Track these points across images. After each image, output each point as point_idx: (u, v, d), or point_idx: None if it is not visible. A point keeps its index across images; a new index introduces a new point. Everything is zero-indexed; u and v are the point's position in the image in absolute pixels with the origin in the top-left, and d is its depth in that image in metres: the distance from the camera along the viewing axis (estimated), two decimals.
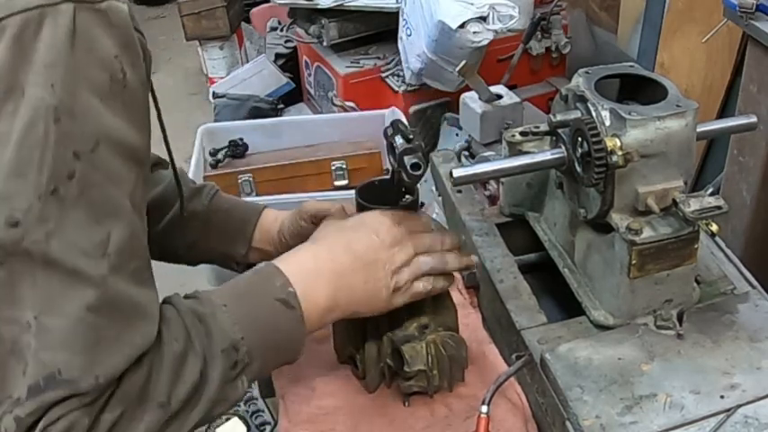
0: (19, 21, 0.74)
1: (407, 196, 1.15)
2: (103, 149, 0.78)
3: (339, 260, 1.05)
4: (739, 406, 1.04)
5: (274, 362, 1.01)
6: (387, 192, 1.14)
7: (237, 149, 2.67)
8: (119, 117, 0.79)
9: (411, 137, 1.07)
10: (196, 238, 1.30)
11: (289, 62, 3.73)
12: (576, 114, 1.16)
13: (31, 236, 0.75)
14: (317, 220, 1.27)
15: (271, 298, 0.97)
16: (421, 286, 1.12)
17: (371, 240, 1.08)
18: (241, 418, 2.44)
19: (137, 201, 0.83)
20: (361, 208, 1.16)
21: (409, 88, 3.00)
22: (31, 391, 0.76)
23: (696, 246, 1.15)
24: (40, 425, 0.76)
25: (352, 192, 1.19)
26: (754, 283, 1.27)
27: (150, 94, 0.88)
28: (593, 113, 1.13)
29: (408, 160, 1.05)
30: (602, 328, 1.19)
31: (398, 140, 1.07)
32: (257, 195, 2.54)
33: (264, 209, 1.35)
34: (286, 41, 3.73)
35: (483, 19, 2.63)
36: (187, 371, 0.86)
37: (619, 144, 1.08)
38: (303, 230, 1.26)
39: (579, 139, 1.13)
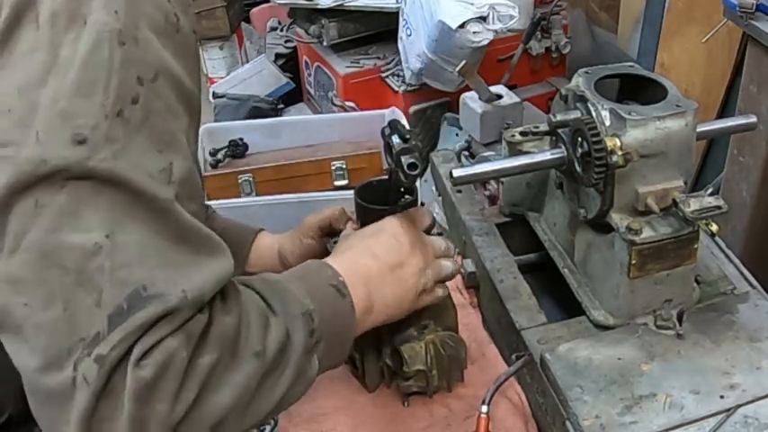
0: None
1: (407, 196, 1.15)
2: (163, 81, 0.77)
3: (368, 265, 1.04)
4: (739, 406, 1.04)
5: (332, 350, 0.95)
6: (385, 192, 1.14)
7: (237, 149, 2.67)
8: (173, 56, 0.79)
9: (408, 136, 1.06)
10: None
11: (289, 62, 3.72)
12: (576, 114, 1.16)
13: (99, 154, 0.72)
14: (324, 231, 1.26)
15: (326, 283, 0.95)
16: (440, 292, 1.13)
17: (393, 244, 1.07)
18: None
19: (192, 145, 0.83)
20: (359, 208, 1.16)
21: (409, 88, 3.00)
22: (113, 320, 0.70)
23: (696, 246, 1.15)
24: (132, 358, 0.70)
25: (352, 192, 1.19)
26: (754, 283, 1.27)
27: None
28: (593, 113, 1.13)
29: (405, 160, 1.04)
30: (602, 328, 1.19)
31: (395, 140, 1.07)
32: (257, 195, 2.54)
33: (260, 231, 1.32)
34: (286, 41, 3.73)
35: (483, 19, 2.63)
36: (273, 326, 0.83)
37: (619, 144, 1.08)
38: (309, 249, 1.26)
39: (579, 139, 1.13)
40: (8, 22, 0.73)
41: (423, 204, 1.27)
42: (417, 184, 1.16)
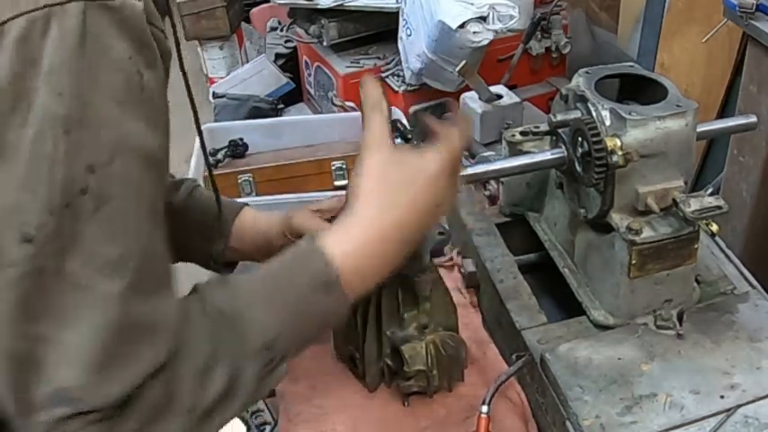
0: (23, 23, 0.69)
1: None
2: (120, 161, 0.73)
3: (386, 230, 0.94)
4: (739, 406, 1.04)
5: (311, 341, 0.94)
6: None
7: (237, 149, 2.67)
8: (137, 121, 0.75)
9: (410, 136, 1.06)
10: (172, 234, 1.25)
11: (289, 62, 3.72)
12: (576, 114, 1.16)
13: (45, 251, 0.71)
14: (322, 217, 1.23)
15: (311, 284, 0.89)
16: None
17: (418, 197, 0.95)
18: (241, 418, 2.44)
19: (157, 208, 0.80)
20: None
21: (409, 88, 3.00)
22: (44, 404, 0.74)
23: (696, 246, 1.15)
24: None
25: None
26: (754, 283, 1.27)
27: (183, 79, 0.84)
28: (594, 113, 1.13)
29: None
30: (602, 327, 1.19)
31: (397, 140, 1.07)
32: (257, 195, 2.54)
33: (244, 207, 1.30)
34: (286, 41, 3.73)
35: (483, 19, 2.63)
36: (214, 379, 0.82)
37: (619, 144, 1.08)
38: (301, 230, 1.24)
39: (579, 138, 1.13)
40: None
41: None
42: None
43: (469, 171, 1.21)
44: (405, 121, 1.16)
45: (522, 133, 1.30)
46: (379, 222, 0.93)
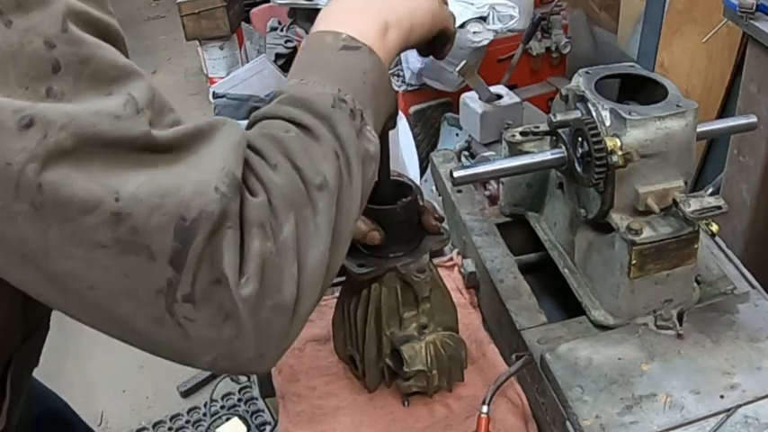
0: None
1: (406, 197, 1.14)
2: (73, 25, 0.68)
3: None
4: (739, 406, 1.04)
5: (381, 104, 0.90)
6: (385, 191, 1.14)
7: None
8: None
9: None
10: None
11: (289, 62, 3.72)
12: (576, 114, 1.16)
13: (52, 130, 0.64)
14: None
15: (333, 52, 0.86)
16: None
17: None
18: (241, 418, 2.44)
19: (128, 62, 0.73)
20: None
21: (409, 88, 3.00)
22: (175, 262, 0.67)
23: (696, 246, 1.15)
24: (226, 281, 0.68)
25: None
26: (754, 283, 1.27)
27: None
28: (594, 113, 1.13)
29: None
30: (603, 328, 1.19)
31: None
32: None
33: None
34: (286, 41, 3.73)
35: (483, 19, 2.64)
36: (317, 145, 0.77)
37: (619, 144, 1.08)
38: None
39: (579, 139, 1.13)
40: None
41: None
42: (417, 183, 1.16)
43: (469, 171, 1.21)
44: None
45: (522, 133, 1.30)
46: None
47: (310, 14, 3.21)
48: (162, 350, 0.72)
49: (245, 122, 0.84)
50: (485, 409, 1.11)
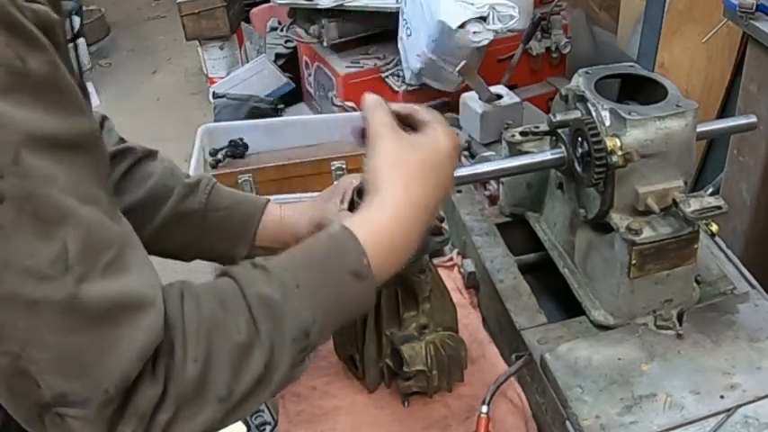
0: None
1: None
2: (26, 155, 0.68)
3: (411, 211, 0.95)
4: (739, 406, 1.04)
5: (337, 328, 0.93)
6: None
7: (237, 149, 2.68)
8: (32, 110, 0.69)
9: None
10: (192, 238, 1.22)
11: (289, 62, 3.73)
12: (575, 114, 1.16)
13: None
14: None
15: (345, 272, 0.88)
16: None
17: (435, 181, 0.98)
18: None
19: (84, 189, 0.74)
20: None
21: (409, 88, 3.00)
22: (55, 401, 0.72)
23: (696, 246, 1.15)
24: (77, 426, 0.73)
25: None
26: (754, 283, 1.27)
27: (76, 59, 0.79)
28: (593, 113, 1.13)
29: None
30: (602, 328, 1.19)
31: None
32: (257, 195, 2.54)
33: (267, 203, 1.27)
34: (286, 41, 3.73)
35: (483, 19, 2.63)
36: (251, 365, 0.80)
37: (619, 144, 1.08)
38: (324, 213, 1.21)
39: (579, 139, 1.13)
40: None
41: None
42: None
43: (469, 171, 1.21)
44: None
45: (522, 133, 1.29)
46: (404, 204, 0.94)
47: (310, 14, 3.21)
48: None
49: (243, 123, 0.84)
50: (484, 409, 1.11)
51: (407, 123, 1.03)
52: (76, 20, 4.40)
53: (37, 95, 0.70)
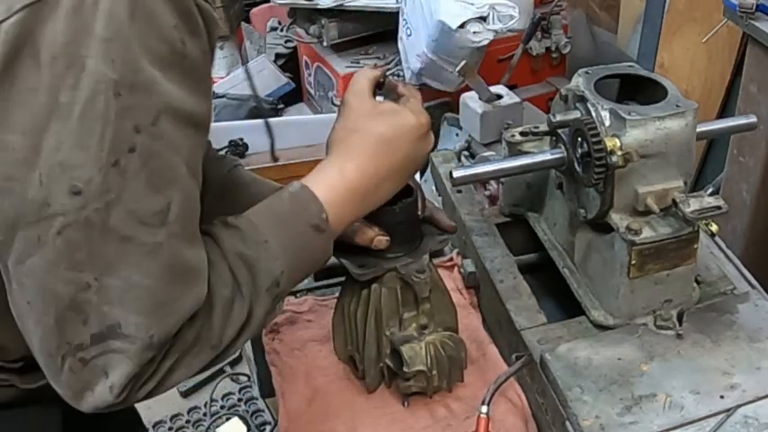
0: None
1: (406, 199, 1.14)
2: (164, 121, 0.79)
3: (368, 175, 1.03)
4: (739, 406, 1.04)
5: (302, 278, 1.04)
6: None
7: (237, 149, 2.68)
8: (178, 86, 0.80)
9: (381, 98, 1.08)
10: (208, 209, 1.29)
11: (289, 62, 3.72)
12: (575, 114, 1.16)
13: (92, 205, 0.77)
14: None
15: (306, 225, 0.98)
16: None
17: (400, 148, 1.04)
18: (241, 418, 2.44)
19: (194, 164, 0.85)
20: None
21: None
22: (95, 338, 0.80)
23: (696, 246, 1.15)
24: (101, 363, 0.82)
25: None
26: (754, 283, 1.27)
27: None
28: (593, 113, 1.13)
29: None
30: (602, 328, 1.19)
31: (379, 98, 1.08)
32: None
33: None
34: (286, 41, 3.73)
35: (483, 19, 2.64)
36: (235, 314, 0.90)
37: (618, 144, 1.08)
38: None
39: (579, 139, 1.13)
40: (6, 57, 0.74)
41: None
42: (417, 179, 1.16)
43: (469, 171, 1.21)
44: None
45: (522, 133, 1.29)
46: (361, 173, 1.02)
47: (310, 14, 3.20)
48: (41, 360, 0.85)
49: (243, 123, 0.90)
50: (484, 409, 1.11)
51: (392, 95, 1.10)
52: None
53: (185, 75, 0.81)
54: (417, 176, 1.15)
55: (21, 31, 0.73)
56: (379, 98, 1.10)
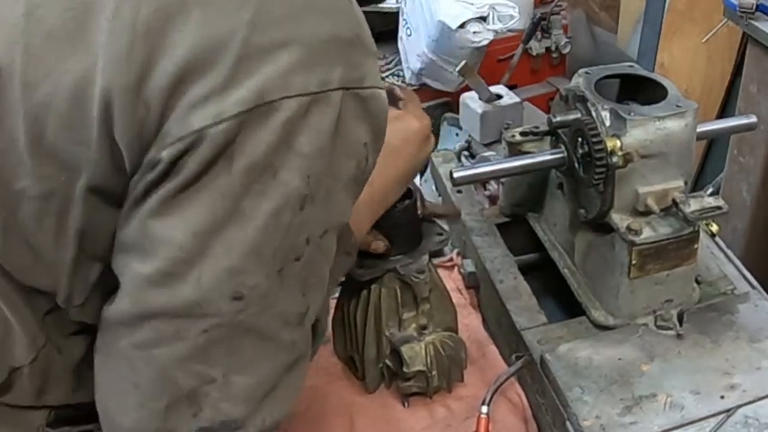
0: (294, 105, 0.70)
1: (406, 200, 1.14)
2: (331, 233, 0.79)
3: (381, 185, 1.02)
4: (739, 406, 1.04)
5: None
6: None
7: None
8: (350, 200, 0.80)
9: None
10: None
11: None
12: (576, 115, 1.16)
13: (250, 309, 0.74)
14: None
15: (341, 253, 0.94)
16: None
17: (406, 158, 1.06)
18: None
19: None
20: None
21: (409, 88, 3.00)
22: (202, 431, 0.77)
23: (696, 246, 1.15)
24: None
25: None
26: (754, 283, 1.27)
27: None
28: (594, 114, 1.13)
29: None
30: (602, 328, 1.19)
31: None
32: None
33: None
34: None
35: (483, 19, 2.64)
36: (298, 377, 0.87)
37: (619, 144, 1.08)
38: None
39: (579, 139, 1.13)
40: (206, 164, 0.70)
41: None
42: (417, 181, 1.16)
43: (470, 171, 1.21)
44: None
45: (522, 133, 1.29)
46: (374, 185, 0.97)
47: None
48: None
49: None
50: (484, 409, 1.11)
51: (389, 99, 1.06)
52: None
53: (358, 190, 0.81)
54: (417, 177, 1.15)
55: (229, 138, 0.69)
56: None
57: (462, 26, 2.61)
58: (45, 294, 0.79)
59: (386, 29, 3.14)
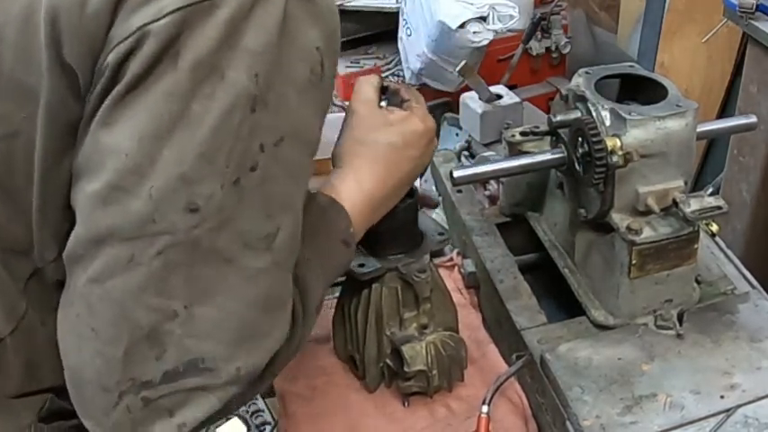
0: (234, 3, 0.70)
1: (407, 199, 1.14)
2: (287, 144, 0.76)
3: (383, 185, 1.03)
4: (739, 406, 1.04)
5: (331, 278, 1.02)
6: None
7: None
8: (308, 110, 0.78)
9: (383, 105, 1.08)
10: None
11: None
12: (576, 114, 1.16)
13: (207, 224, 0.72)
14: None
15: (338, 240, 0.96)
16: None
17: (407, 155, 1.05)
18: (241, 418, 2.44)
19: (306, 188, 0.83)
20: None
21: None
22: (167, 376, 0.74)
23: (696, 246, 1.15)
24: (168, 403, 0.75)
25: None
26: (754, 283, 1.27)
27: None
28: (594, 113, 1.13)
29: None
30: (602, 328, 1.19)
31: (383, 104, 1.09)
32: None
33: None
34: None
35: (483, 19, 2.64)
36: (293, 344, 0.86)
37: (619, 144, 1.08)
38: None
39: (579, 139, 1.13)
40: (151, 60, 0.69)
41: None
42: (417, 184, 1.16)
43: (470, 171, 1.21)
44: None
45: (522, 133, 1.29)
46: (377, 185, 1.01)
47: None
48: (80, 393, 0.78)
49: None
50: (485, 409, 1.11)
51: (395, 99, 1.09)
52: None
53: (316, 100, 0.79)
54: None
55: (171, 34, 0.69)
56: (382, 103, 1.10)
57: (462, 26, 2.61)
58: (25, 257, 0.78)
59: (386, 29, 3.13)
